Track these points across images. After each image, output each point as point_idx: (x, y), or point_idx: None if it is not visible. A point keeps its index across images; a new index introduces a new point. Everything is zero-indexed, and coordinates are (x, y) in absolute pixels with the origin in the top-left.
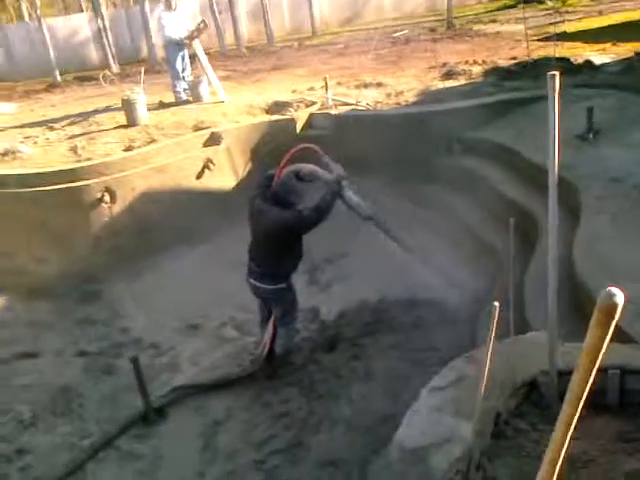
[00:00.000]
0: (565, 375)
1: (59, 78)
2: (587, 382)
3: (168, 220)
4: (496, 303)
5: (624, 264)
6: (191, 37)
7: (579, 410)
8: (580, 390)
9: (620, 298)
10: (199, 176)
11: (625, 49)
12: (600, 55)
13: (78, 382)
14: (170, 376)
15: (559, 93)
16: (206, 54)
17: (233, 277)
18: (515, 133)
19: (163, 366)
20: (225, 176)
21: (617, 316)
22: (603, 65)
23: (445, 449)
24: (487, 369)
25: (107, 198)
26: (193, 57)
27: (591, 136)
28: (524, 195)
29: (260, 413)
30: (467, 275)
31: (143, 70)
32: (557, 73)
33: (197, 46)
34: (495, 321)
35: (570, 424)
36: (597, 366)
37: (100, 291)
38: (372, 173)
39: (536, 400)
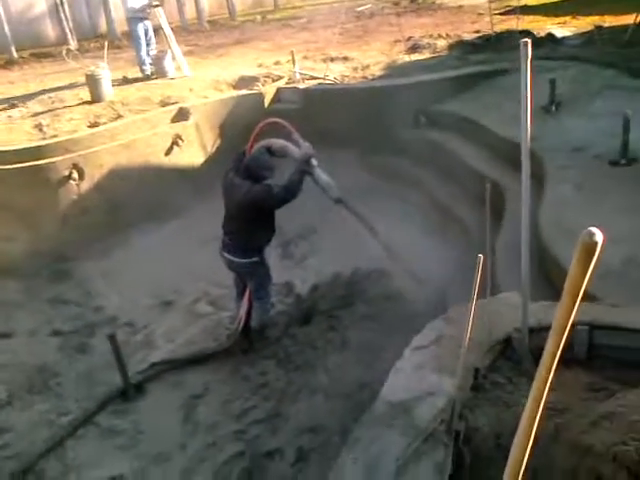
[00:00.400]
0: (536, 332)
1: (15, 54)
2: (569, 317)
3: (137, 196)
4: (480, 255)
5: None
6: (152, 5)
7: (562, 344)
8: (563, 324)
9: (599, 237)
10: (168, 152)
11: (585, 22)
12: (561, 28)
13: (53, 361)
14: (146, 353)
15: (529, 64)
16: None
17: (205, 252)
18: (480, 106)
19: (138, 344)
20: (194, 152)
21: (596, 254)
22: (564, 38)
23: (428, 401)
24: (470, 322)
25: (75, 175)
26: (156, 31)
27: (554, 108)
28: (490, 166)
29: (238, 386)
30: (433, 253)
31: (107, 44)
32: (529, 41)
33: (160, 15)
34: (479, 273)
35: (554, 356)
36: (578, 302)
37: (70, 270)
38: (340, 146)
39: (510, 355)
